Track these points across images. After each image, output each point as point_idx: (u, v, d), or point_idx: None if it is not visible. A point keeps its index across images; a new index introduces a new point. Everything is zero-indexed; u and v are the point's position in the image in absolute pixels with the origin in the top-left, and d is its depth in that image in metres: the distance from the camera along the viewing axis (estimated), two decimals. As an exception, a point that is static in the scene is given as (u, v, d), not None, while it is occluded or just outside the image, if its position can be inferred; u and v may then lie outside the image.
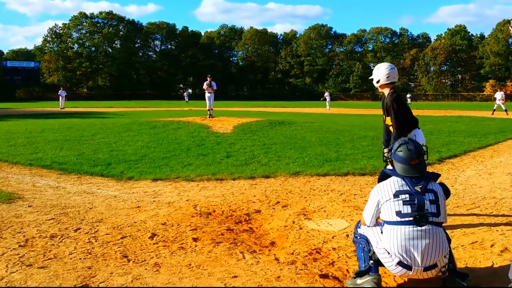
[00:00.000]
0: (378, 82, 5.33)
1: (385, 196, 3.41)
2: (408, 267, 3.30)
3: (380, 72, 5.31)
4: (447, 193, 3.58)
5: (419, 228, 3.26)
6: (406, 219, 3.29)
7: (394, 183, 3.44)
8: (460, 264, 4.01)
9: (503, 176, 8.27)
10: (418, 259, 3.26)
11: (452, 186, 7.58)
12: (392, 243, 3.32)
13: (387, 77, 5.25)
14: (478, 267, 3.97)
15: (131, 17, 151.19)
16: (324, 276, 3.72)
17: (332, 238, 4.86)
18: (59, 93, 41.24)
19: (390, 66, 5.37)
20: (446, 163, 9.91)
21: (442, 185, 3.57)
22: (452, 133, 16.16)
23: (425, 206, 3.30)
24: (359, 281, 3.46)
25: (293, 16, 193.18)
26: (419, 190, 3.35)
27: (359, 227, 3.78)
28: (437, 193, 3.39)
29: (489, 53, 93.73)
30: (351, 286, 3.52)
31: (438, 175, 3.58)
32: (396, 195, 3.37)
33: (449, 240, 3.55)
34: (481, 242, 4.59)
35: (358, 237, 3.70)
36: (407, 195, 3.34)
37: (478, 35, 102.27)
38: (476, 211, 5.95)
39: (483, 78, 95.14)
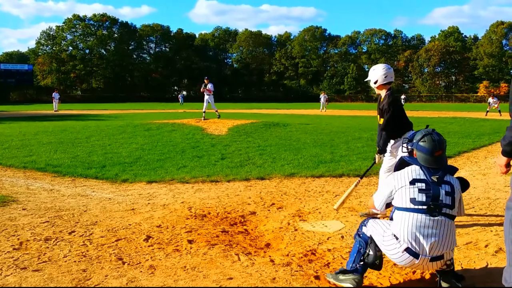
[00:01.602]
0: (375, 82, 5.37)
1: (401, 182, 3.40)
2: (415, 255, 3.26)
3: (377, 73, 5.36)
4: (464, 186, 3.56)
5: (431, 217, 3.25)
6: (420, 207, 3.28)
7: (412, 171, 3.42)
8: (455, 265, 4.02)
9: (497, 177, 8.30)
10: (427, 248, 3.24)
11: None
12: (402, 229, 3.30)
13: (385, 77, 5.29)
14: (472, 268, 3.99)
15: (125, 19, 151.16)
16: (319, 277, 3.72)
17: (327, 239, 4.86)
18: (53, 96, 41.12)
19: (386, 66, 5.41)
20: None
21: (460, 178, 3.55)
22: (446, 134, 16.21)
23: (440, 196, 3.29)
24: (341, 277, 3.51)
25: (287, 18, 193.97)
26: (436, 180, 3.33)
27: (365, 225, 3.67)
28: (453, 185, 3.37)
29: (482, 55, 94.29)
30: (331, 280, 3.57)
31: (456, 169, 3.55)
32: (412, 182, 3.35)
33: None
34: (476, 243, 4.61)
35: (361, 235, 3.65)
36: (423, 184, 3.33)
37: (472, 37, 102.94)
38: (471, 211, 5.98)
39: (477, 79, 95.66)
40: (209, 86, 20.49)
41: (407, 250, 3.27)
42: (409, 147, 3.66)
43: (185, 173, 8.67)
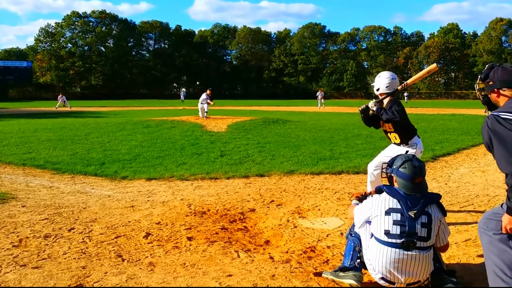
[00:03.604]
0: (378, 90, 5.36)
1: (376, 211, 3.37)
2: (391, 283, 3.34)
3: (381, 81, 5.35)
4: (443, 213, 3.47)
5: (405, 252, 3.25)
6: (394, 241, 3.26)
7: (390, 200, 3.37)
8: (453, 261, 4.04)
9: (496, 174, 8.31)
10: (402, 279, 3.29)
11: (446, 184, 7.62)
12: (377, 261, 3.33)
13: (387, 87, 5.28)
14: (471, 264, 4.00)
15: (123, 15, 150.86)
16: (319, 274, 3.73)
17: (327, 236, 4.87)
18: (58, 98, 41.95)
19: (392, 76, 5.37)
20: (440, 161, 9.95)
21: (439, 205, 3.46)
22: (446, 131, 16.22)
23: (415, 230, 3.26)
24: (341, 274, 3.51)
25: (286, 14, 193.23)
26: (413, 216, 3.28)
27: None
28: (431, 215, 3.32)
29: (482, 51, 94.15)
30: (330, 277, 3.57)
31: (439, 197, 3.48)
32: (388, 212, 3.32)
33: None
34: (475, 240, 4.62)
35: (353, 235, 3.70)
36: (398, 215, 3.29)
37: (471, 33, 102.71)
38: (470, 208, 5.99)
39: (476, 76, 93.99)
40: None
41: (383, 279, 3.35)
42: (389, 173, 3.63)
43: (184, 170, 8.68)
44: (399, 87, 5.27)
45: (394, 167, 3.53)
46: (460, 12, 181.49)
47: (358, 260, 3.53)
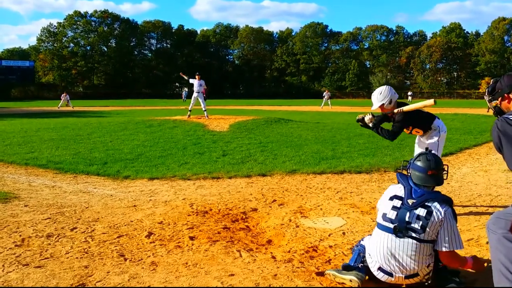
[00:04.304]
0: (390, 102, 5.32)
1: (383, 197, 3.58)
2: (389, 274, 3.39)
3: (382, 98, 5.32)
4: (454, 218, 3.41)
5: (397, 238, 3.34)
6: (387, 224, 3.39)
7: (397, 189, 3.53)
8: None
9: (499, 173, 8.29)
10: (397, 268, 3.34)
11: (448, 183, 7.60)
12: (374, 248, 3.46)
13: (394, 93, 5.41)
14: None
15: (125, 15, 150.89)
16: (321, 274, 3.73)
17: (329, 236, 4.87)
18: (61, 97, 42.01)
19: (390, 91, 5.34)
20: (442, 161, 9.91)
21: (452, 210, 3.41)
22: (448, 130, 16.10)
23: (405, 219, 3.33)
24: (345, 271, 3.56)
25: (288, 14, 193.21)
26: (410, 203, 3.38)
27: (363, 240, 3.83)
28: (432, 212, 3.31)
29: (484, 51, 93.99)
30: (333, 273, 3.60)
31: (451, 201, 3.45)
32: (391, 198, 3.48)
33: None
34: (477, 239, 4.61)
35: (358, 246, 3.79)
36: (399, 202, 3.42)
37: (474, 33, 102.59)
38: (472, 208, 5.98)
39: (479, 76, 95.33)
40: (201, 82, 19.24)
41: (380, 269, 3.42)
42: (408, 171, 3.68)
43: (186, 170, 8.68)
44: (396, 111, 5.34)
45: (411, 161, 3.66)
46: (462, 12, 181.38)
47: (362, 264, 3.58)
